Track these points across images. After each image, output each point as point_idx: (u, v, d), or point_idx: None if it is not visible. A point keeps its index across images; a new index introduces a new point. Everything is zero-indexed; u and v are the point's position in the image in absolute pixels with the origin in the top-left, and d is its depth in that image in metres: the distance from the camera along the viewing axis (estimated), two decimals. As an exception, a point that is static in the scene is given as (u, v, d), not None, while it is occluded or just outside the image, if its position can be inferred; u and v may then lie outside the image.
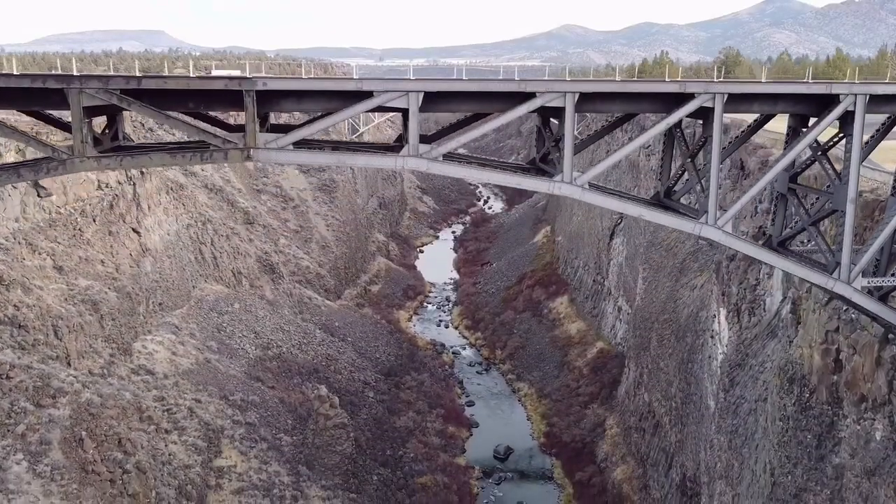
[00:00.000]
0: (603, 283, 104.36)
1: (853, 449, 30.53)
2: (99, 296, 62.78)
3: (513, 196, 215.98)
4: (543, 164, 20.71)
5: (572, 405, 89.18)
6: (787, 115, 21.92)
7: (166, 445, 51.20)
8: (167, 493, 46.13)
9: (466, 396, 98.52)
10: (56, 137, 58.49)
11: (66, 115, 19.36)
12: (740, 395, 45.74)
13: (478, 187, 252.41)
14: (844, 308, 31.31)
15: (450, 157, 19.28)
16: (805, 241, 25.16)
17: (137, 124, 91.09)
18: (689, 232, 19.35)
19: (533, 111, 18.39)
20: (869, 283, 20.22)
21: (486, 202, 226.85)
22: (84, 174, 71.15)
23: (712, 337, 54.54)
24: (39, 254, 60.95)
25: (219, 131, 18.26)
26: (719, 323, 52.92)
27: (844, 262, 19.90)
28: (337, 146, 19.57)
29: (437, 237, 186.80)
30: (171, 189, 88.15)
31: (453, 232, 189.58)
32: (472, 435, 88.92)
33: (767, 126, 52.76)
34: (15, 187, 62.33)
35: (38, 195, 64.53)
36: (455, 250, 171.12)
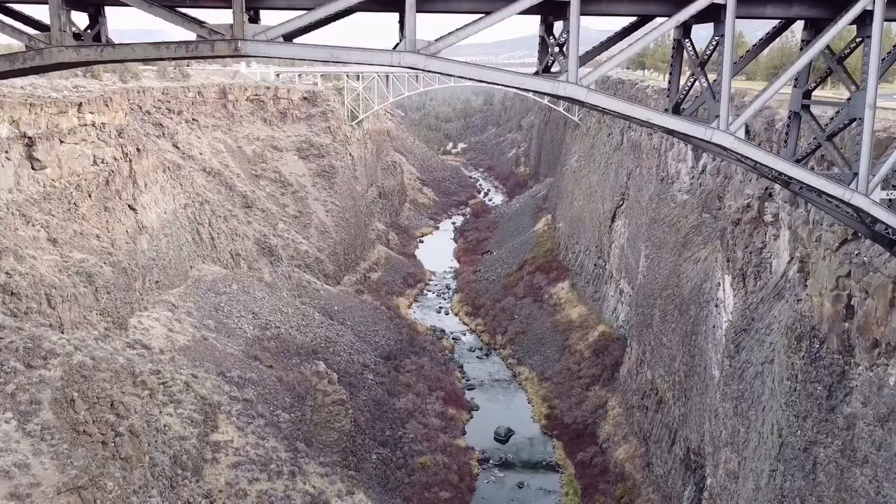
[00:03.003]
0: (604, 266, 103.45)
1: (865, 397, 29.62)
2: (94, 269, 61.85)
3: (513, 188, 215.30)
4: (546, 75, 19.83)
5: (573, 388, 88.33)
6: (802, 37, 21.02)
7: (160, 412, 50.34)
8: (161, 460, 45.24)
9: (467, 380, 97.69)
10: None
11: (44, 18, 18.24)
12: (746, 360, 44.83)
13: (478, 180, 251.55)
14: (856, 252, 30.42)
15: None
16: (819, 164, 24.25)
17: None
18: (700, 137, 18.39)
19: (535, 5, 17.50)
20: (888, 195, 19.35)
21: (486, 194, 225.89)
22: (79, 149, 70.24)
23: (717, 306, 53.62)
24: (33, 225, 60.01)
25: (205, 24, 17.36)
26: (724, 290, 51.99)
27: (862, 173, 18.98)
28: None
29: (438, 228, 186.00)
30: (169, 168, 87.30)
31: (453, 223, 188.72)
32: (472, 417, 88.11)
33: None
34: (9, 159, 61.44)
35: (32, 167, 63.59)
36: (455, 240, 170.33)
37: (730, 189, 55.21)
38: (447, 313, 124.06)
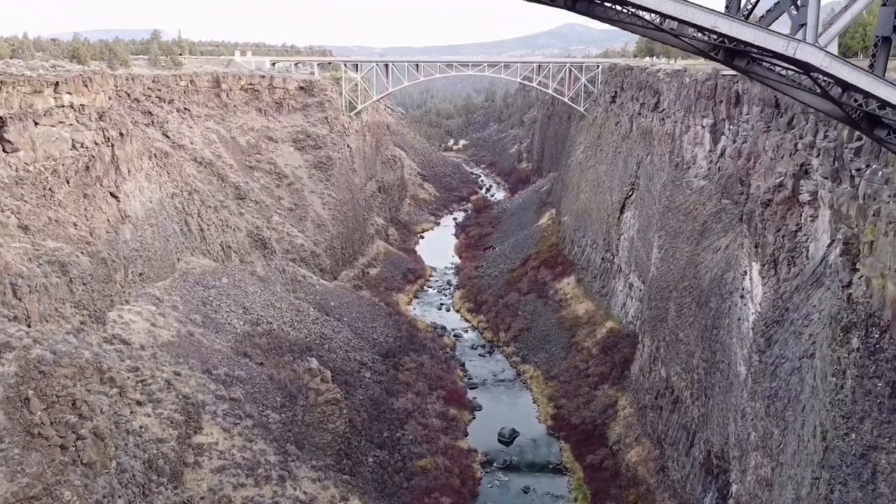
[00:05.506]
0: (612, 260, 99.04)
1: (939, 394, 25.26)
2: (69, 258, 57.45)
3: (515, 184, 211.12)
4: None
5: (581, 386, 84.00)
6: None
7: (132, 412, 45.99)
8: (131, 465, 40.86)
9: (469, 379, 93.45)
10: None
11: None
12: (780, 355, 40.44)
13: (480, 176, 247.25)
14: (927, 225, 26.05)
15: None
16: None
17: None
18: (780, 52, 14.12)
19: None
20: None
21: (488, 190, 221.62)
22: (56, 132, 65.88)
23: (742, 297, 49.20)
24: (3, 211, 55.66)
25: None
26: (751, 279, 47.58)
27: None
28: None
29: (439, 224, 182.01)
30: (155, 155, 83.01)
31: (454, 219, 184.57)
32: (474, 418, 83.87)
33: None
34: (-23, 140, 57.18)
35: (4, 150, 59.29)
36: (456, 236, 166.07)
37: (757, 169, 50.77)
38: (448, 310, 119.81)
